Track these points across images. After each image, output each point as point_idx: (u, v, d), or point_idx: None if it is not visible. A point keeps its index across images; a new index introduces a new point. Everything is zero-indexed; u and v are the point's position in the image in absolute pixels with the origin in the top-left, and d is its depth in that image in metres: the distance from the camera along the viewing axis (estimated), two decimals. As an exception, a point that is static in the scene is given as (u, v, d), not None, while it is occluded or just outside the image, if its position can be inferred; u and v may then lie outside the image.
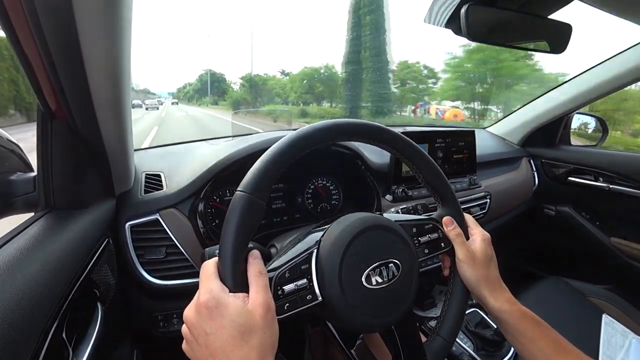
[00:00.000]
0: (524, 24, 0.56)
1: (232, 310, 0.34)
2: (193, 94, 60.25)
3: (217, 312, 0.34)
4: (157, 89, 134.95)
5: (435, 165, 0.51)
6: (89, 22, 0.39)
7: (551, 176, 1.36)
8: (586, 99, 1.17)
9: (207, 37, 65.68)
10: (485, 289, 0.49)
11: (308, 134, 0.42)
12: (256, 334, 0.33)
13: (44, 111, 0.49)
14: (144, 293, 0.71)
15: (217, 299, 0.34)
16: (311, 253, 0.42)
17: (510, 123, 1.44)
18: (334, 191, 0.95)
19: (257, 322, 0.34)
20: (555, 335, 0.46)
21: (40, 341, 0.38)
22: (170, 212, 0.70)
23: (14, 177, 0.53)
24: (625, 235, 1.20)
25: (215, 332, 0.33)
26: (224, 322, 0.33)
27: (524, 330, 0.46)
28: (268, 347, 0.34)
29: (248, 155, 0.74)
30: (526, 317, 0.47)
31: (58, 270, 0.45)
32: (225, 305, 0.34)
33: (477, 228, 0.54)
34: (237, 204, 0.36)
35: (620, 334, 0.89)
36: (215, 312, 0.34)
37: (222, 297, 0.34)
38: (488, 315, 0.99)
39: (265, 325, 0.34)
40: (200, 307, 0.34)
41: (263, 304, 0.35)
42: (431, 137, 1.04)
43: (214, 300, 0.34)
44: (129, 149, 0.65)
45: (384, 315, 0.43)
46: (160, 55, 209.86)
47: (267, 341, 0.34)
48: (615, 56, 1.05)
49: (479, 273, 0.49)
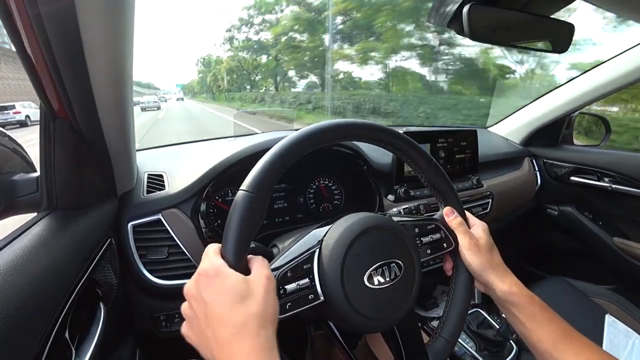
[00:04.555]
0: (526, 24, 0.56)
1: (233, 278, 0.34)
2: (200, 88, 54.56)
3: (216, 280, 0.34)
4: (163, 83, 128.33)
5: (437, 165, 0.51)
6: (92, 23, 0.39)
7: (554, 176, 1.36)
8: (588, 99, 1.16)
9: (223, 14, 57.18)
10: (492, 273, 0.49)
11: (310, 135, 0.42)
12: (256, 301, 0.33)
13: (46, 111, 0.49)
14: (146, 293, 0.71)
15: (217, 268, 0.34)
16: (313, 252, 0.42)
17: (512, 123, 1.43)
18: (335, 191, 0.95)
19: (257, 291, 0.34)
20: (562, 321, 0.46)
21: (43, 341, 0.38)
22: (173, 212, 0.71)
23: (16, 177, 0.54)
24: (628, 235, 1.19)
25: (214, 299, 0.33)
26: (223, 288, 0.33)
27: (532, 314, 0.46)
28: (268, 316, 0.34)
29: (250, 155, 0.74)
30: (534, 301, 0.47)
31: (60, 270, 0.45)
32: (225, 274, 0.34)
33: (476, 219, 0.55)
34: (239, 202, 0.36)
35: (623, 335, 0.88)
36: (214, 280, 0.34)
37: (223, 268, 0.34)
38: (490, 316, 0.99)
39: (265, 294, 0.34)
40: (200, 277, 0.34)
41: (265, 276, 0.35)
42: (433, 137, 1.04)
43: (213, 269, 0.34)
44: (131, 149, 0.66)
45: (386, 315, 0.43)
46: (170, 45, 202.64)
47: (268, 310, 0.34)
48: (618, 56, 1.05)
49: (484, 258, 0.49)
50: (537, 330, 0.45)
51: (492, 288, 0.49)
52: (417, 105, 9.79)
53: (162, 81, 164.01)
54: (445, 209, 0.52)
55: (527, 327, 0.46)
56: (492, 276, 0.49)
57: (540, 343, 0.45)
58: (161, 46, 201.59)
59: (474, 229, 0.53)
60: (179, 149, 1.06)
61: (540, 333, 0.45)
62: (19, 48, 0.41)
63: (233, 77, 30.33)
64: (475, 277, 0.50)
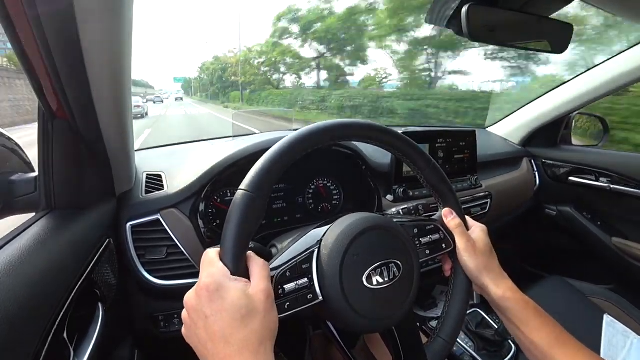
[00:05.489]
0: (525, 24, 0.56)
1: (233, 293, 0.34)
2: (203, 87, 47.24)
3: (217, 295, 0.33)
4: (158, 80, 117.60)
5: (436, 165, 0.51)
6: (91, 23, 0.39)
7: (552, 176, 1.36)
8: (587, 99, 1.16)
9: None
10: (487, 277, 0.49)
11: (309, 134, 0.42)
12: (256, 318, 0.33)
13: (45, 111, 0.49)
14: (144, 293, 0.71)
15: (218, 282, 0.34)
16: (312, 252, 0.42)
17: (511, 123, 1.43)
18: (334, 191, 0.95)
19: (257, 307, 0.34)
20: (557, 325, 0.46)
21: (41, 341, 0.38)
22: (171, 212, 0.70)
23: (15, 177, 0.54)
24: (626, 235, 1.20)
25: (215, 314, 0.33)
26: (224, 305, 0.33)
27: (527, 318, 0.46)
28: (267, 333, 0.34)
29: (249, 155, 0.74)
30: (529, 306, 0.47)
31: (59, 270, 0.45)
32: (226, 289, 0.34)
33: (475, 222, 0.55)
34: (238, 202, 0.36)
35: (622, 334, 0.89)
36: (215, 295, 0.33)
37: (224, 281, 0.34)
38: (489, 316, 0.99)
39: (265, 310, 0.34)
40: (201, 290, 0.34)
41: (264, 290, 0.35)
42: (432, 137, 1.04)
43: (215, 283, 0.34)
44: (130, 149, 0.66)
45: (385, 315, 0.43)
46: (168, 35, 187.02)
47: (267, 326, 0.34)
48: (616, 56, 1.05)
49: (480, 261, 0.49)
50: (531, 335, 0.45)
51: (487, 292, 0.49)
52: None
53: (156, 77, 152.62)
54: (444, 209, 0.53)
55: (522, 332, 0.46)
56: (488, 279, 0.49)
57: (535, 347, 0.45)
58: (156, 37, 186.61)
59: (473, 231, 0.53)
60: (177, 149, 1.06)
61: (535, 337, 0.45)
62: (17, 48, 0.40)
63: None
64: (471, 279, 0.51)
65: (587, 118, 1.47)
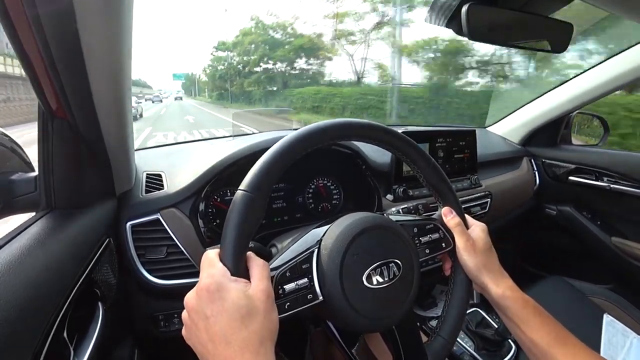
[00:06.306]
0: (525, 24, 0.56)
1: (233, 294, 0.34)
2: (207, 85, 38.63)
3: (218, 296, 0.33)
4: (157, 80, 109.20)
5: (436, 165, 0.51)
6: (90, 23, 0.39)
7: (552, 176, 1.36)
8: (587, 99, 1.16)
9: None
10: (486, 276, 0.49)
11: (309, 134, 0.42)
12: (256, 318, 0.33)
13: (45, 111, 0.49)
14: (144, 293, 0.71)
15: (218, 283, 0.34)
16: (312, 252, 0.42)
17: (511, 122, 1.43)
18: (334, 191, 0.95)
19: (257, 307, 0.34)
20: (557, 324, 0.46)
21: (41, 341, 0.38)
22: (171, 212, 0.70)
23: (15, 177, 0.54)
24: (626, 234, 1.20)
25: (215, 315, 0.33)
26: (224, 306, 0.33)
27: (526, 317, 0.46)
28: (268, 333, 0.34)
29: (249, 155, 0.74)
30: (528, 305, 0.47)
31: (59, 269, 0.45)
32: (226, 289, 0.34)
33: (475, 220, 0.55)
34: (238, 202, 0.36)
35: (621, 334, 0.89)
36: (216, 296, 0.33)
37: (224, 281, 0.34)
38: (489, 315, 0.99)
39: (265, 311, 0.34)
40: (201, 291, 0.34)
41: (264, 290, 0.35)
42: (432, 136, 1.04)
43: (215, 284, 0.34)
44: (130, 149, 0.66)
45: (385, 315, 0.43)
46: (169, 31, 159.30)
47: (268, 326, 0.34)
48: (616, 55, 1.05)
49: (479, 260, 0.49)
50: (531, 334, 0.45)
51: (486, 290, 0.49)
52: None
53: (154, 77, 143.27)
54: (443, 208, 0.53)
55: (522, 330, 0.46)
56: (487, 278, 0.49)
57: (535, 346, 0.45)
58: (153, 31, 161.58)
59: (473, 230, 0.53)
60: (177, 148, 1.06)
61: (534, 336, 0.45)
62: (17, 47, 0.40)
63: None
64: (471, 277, 0.51)
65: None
